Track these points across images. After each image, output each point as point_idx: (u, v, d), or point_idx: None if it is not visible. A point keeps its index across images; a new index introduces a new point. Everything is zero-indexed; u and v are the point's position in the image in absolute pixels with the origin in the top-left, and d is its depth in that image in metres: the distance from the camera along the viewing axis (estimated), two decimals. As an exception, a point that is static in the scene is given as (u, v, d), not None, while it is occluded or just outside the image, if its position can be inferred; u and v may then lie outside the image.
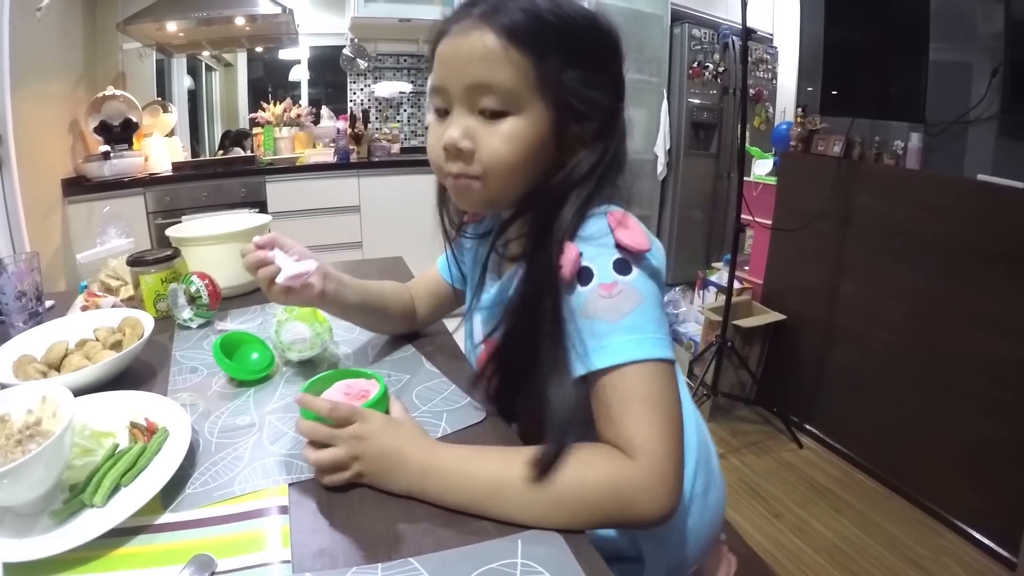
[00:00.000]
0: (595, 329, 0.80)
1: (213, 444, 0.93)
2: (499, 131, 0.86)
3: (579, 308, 0.81)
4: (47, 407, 0.85)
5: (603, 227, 0.85)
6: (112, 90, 3.84)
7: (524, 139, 0.86)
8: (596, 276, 0.81)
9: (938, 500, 2.42)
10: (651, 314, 0.81)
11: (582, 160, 0.89)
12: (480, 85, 0.85)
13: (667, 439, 0.75)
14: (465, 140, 0.87)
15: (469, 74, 0.85)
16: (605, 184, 0.89)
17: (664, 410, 0.77)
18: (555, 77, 0.85)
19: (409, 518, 0.76)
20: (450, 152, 0.89)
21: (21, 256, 1.38)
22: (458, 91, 0.87)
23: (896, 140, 2.64)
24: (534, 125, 0.86)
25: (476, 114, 0.87)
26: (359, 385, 0.92)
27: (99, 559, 0.70)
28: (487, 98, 0.85)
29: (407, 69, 4.95)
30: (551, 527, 0.73)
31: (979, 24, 2.37)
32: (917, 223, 2.45)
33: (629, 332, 0.78)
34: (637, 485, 0.73)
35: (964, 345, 2.29)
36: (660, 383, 0.78)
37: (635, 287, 0.81)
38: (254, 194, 3.97)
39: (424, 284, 1.31)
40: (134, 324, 1.23)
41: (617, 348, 0.78)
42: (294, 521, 0.75)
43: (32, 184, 3.05)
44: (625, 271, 0.81)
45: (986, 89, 2.32)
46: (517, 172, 0.89)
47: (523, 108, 0.86)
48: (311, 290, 1.05)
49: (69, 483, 0.81)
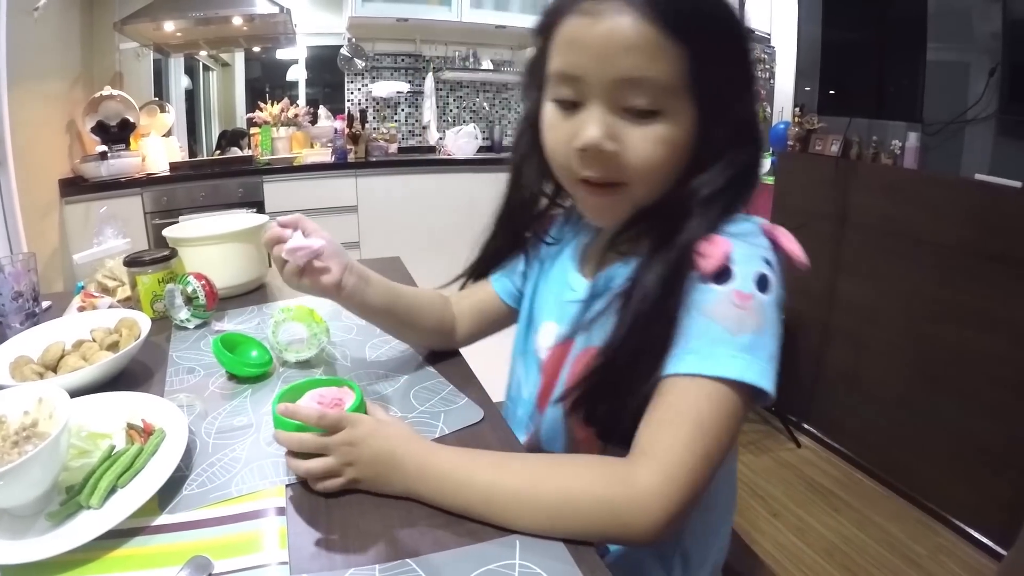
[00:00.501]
0: (711, 332, 0.74)
1: (210, 445, 0.92)
2: (650, 134, 0.78)
3: (703, 305, 0.75)
4: (44, 408, 0.85)
5: (753, 228, 0.80)
6: (109, 90, 3.84)
7: (675, 143, 0.79)
8: (735, 281, 0.75)
9: (936, 499, 2.42)
10: (769, 342, 0.75)
11: (722, 166, 0.81)
12: (630, 80, 0.75)
13: (691, 472, 0.70)
14: (609, 142, 0.78)
15: (617, 66, 0.75)
16: (744, 191, 0.83)
17: (708, 443, 0.72)
18: (707, 72, 0.76)
19: (407, 518, 0.75)
20: (588, 154, 0.79)
21: (18, 257, 1.38)
22: (601, 84, 0.77)
23: (894, 140, 2.64)
24: (683, 126, 0.78)
25: (619, 111, 0.78)
26: (331, 394, 0.90)
27: (96, 561, 0.70)
28: (637, 95, 0.76)
29: (405, 69, 4.95)
30: (543, 535, 0.72)
31: (977, 24, 2.37)
32: (915, 223, 2.45)
33: (743, 350, 0.73)
34: (636, 503, 0.70)
35: (962, 344, 2.29)
36: (726, 416, 0.73)
37: (766, 309, 0.75)
38: (251, 194, 3.97)
39: (470, 300, 1.20)
40: (131, 325, 1.22)
41: (723, 361, 0.73)
42: (291, 522, 0.75)
43: (29, 184, 3.04)
44: (764, 289, 0.75)
45: (984, 89, 2.32)
46: (666, 179, 0.81)
47: (674, 107, 0.77)
48: (327, 277, 0.98)
49: (66, 485, 0.80)
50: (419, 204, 4.24)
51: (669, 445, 0.71)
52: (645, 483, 0.70)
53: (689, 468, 0.70)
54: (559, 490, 0.72)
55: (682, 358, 0.74)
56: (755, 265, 0.76)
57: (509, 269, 1.16)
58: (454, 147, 4.60)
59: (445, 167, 4.44)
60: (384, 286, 1.08)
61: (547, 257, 1.10)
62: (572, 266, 1.01)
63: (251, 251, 1.59)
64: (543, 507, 0.72)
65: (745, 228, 0.80)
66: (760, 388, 0.73)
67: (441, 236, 4.25)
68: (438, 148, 4.82)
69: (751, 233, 0.79)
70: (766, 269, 0.77)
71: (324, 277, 0.98)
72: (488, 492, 0.74)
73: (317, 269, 0.98)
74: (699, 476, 0.71)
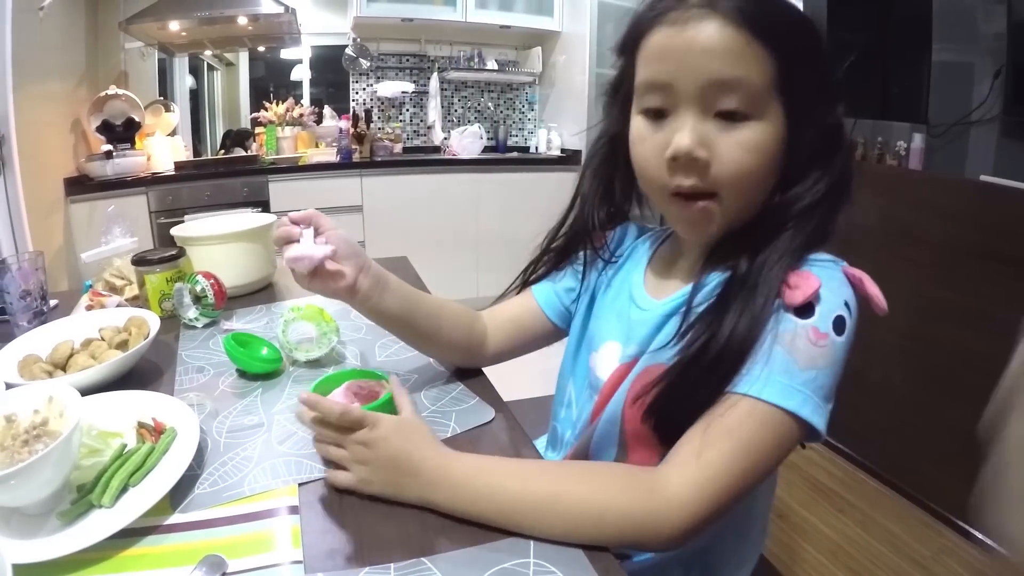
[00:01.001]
0: (781, 362, 0.74)
1: (221, 444, 0.92)
2: (741, 139, 0.77)
3: (780, 334, 0.76)
4: (54, 407, 0.85)
5: (837, 270, 0.82)
6: (114, 89, 3.83)
7: (767, 148, 0.78)
8: (816, 319, 0.76)
9: (941, 500, 2.42)
10: (830, 383, 0.76)
11: (817, 175, 0.82)
12: (721, 82, 0.75)
13: (723, 489, 0.72)
14: (701, 148, 0.77)
15: (707, 70, 0.75)
16: (840, 201, 0.84)
17: (747, 465, 0.73)
18: (794, 74, 0.77)
19: (421, 517, 0.76)
20: (680, 163, 0.78)
21: (25, 256, 1.38)
22: (691, 89, 0.77)
23: (899, 141, 2.64)
24: (775, 132, 0.78)
25: (711, 118, 0.77)
26: (368, 386, 0.92)
27: (108, 560, 0.70)
28: (728, 98, 0.76)
29: (409, 69, 4.95)
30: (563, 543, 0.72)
31: (981, 25, 2.37)
32: (919, 224, 2.45)
33: (804, 385, 0.74)
34: (660, 511, 0.71)
35: (966, 345, 2.29)
36: (773, 443, 0.74)
37: (838, 351, 0.76)
38: (256, 193, 3.97)
39: (508, 314, 1.13)
40: (140, 324, 1.23)
41: (784, 391, 0.73)
42: (305, 521, 0.75)
43: (35, 183, 3.05)
44: (840, 332, 0.76)
45: (988, 90, 2.32)
46: (757, 188, 0.81)
47: (765, 111, 0.77)
48: (340, 280, 0.93)
49: (77, 483, 0.81)
50: (424, 204, 4.23)
51: (710, 459, 0.72)
52: (675, 491, 0.71)
53: (722, 485, 0.71)
54: (582, 502, 0.72)
55: (747, 379, 0.75)
56: (837, 307, 0.77)
57: (555, 283, 1.12)
58: (459, 147, 4.60)
59: (450, 167, 4.43)
60: (404, 292, 1.02)
61: (605, 275, 1.07)
62: (639, 284, 0.99)
63: (259, 250, 1.60)
64: (564, 519, 0.72)
65: (829, 269, 0.81)
66: (812, 425, 0.74)
67: (446, 236, 4.25)
68: (443, 148, 4.81)
69: (836, 275, 0.80)
70: (845, 312, 0.77)
71: (337, 281, 0.94)
72: (506, 503, 0.74)
73: (330, 272, 0.93)
74: (730, 495, 0.72)
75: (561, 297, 1.11)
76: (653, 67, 0.80)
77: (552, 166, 4.52)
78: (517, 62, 5.10)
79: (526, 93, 5.22)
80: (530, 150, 5.06)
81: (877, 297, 0.80)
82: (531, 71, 4.97)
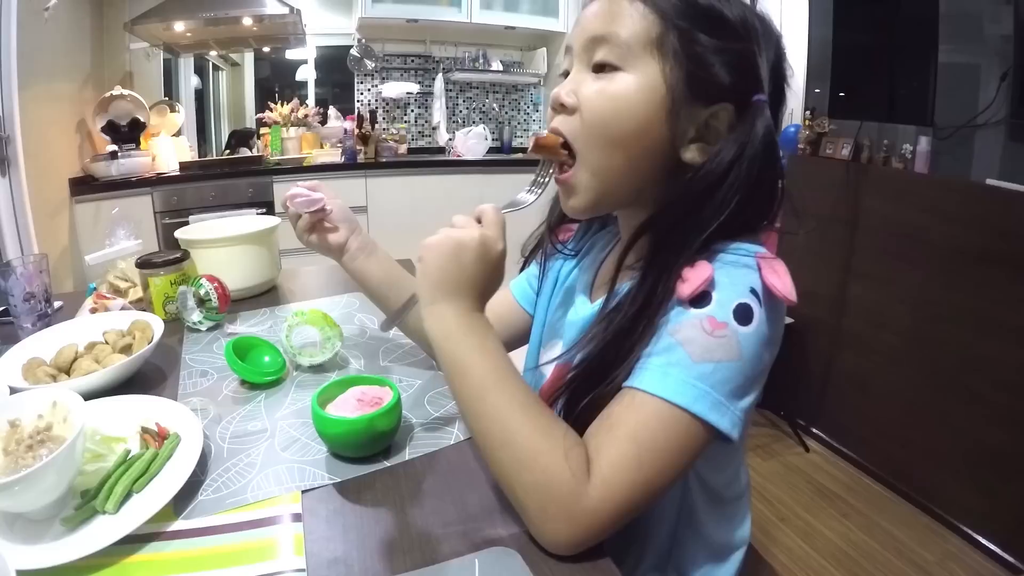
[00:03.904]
0: (672, 354, 0.71)
1: (225, 450, 0.92)
2: (602, 86, 0.79)
3: (671, 325, 0.73)
4: (58, 412, 0.85)
5: (748, 259, 0.75)
6: (119, 90, 3.85)
7: (629, 98, 0.77)
8: (712, 308, 0.71)
9: (944, 505, 2.42)
10: (734, 378, 0.70)
11: (711, 163, 0.76)
12: (596, 37, 0.79)
13: (628, 497, 0.68)
14: (569, 96, 0.81)
15: (589, 28, 0.80)
16: (745, 205, 0.77)
17: (653, 469, 0.68)
18: (681, 37, 0.76)
19: (426, 525, 0.75)
20: (555, 110, 0.83)
21: (29, 258, 1.38)
22: (577, 47, 0.82)
23: (905, 143, 2.64)
24: (643, 85, 0.77)
25: (589, 72, 0.81)
26: (373, 392, 0.92)
27: (112, 566, 0.69)
28: (601, 50, 0.79)
29: (414, 70, 4.96)
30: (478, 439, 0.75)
31: (988, 27, 2.36)
32: (925, 227, 2.45)
33: (700, 379, 0.69)
34: (567, 502, 0.67)
35: (971, 349, 2.29)
36: (676, 442, 0.69)
37: (741, 343, 0.70)
38: (261, 194, 3.98)
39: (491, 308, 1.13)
40: (144, 327, 1.23)
41: (675, 385, 0.69)
42: (308, 529, 0.75)
43: (39, 183, 3.06)
44: (744, 321, 0.71)
45: (995, 93, 2.31)
46: (620, 145, 0.79)
47: (634, 65, 0.77)
48: (334, 236, 1.12)
49: (80, 489, 0.80)
50: (428, 205, 4.23)
51: (615, 462, 0.68)
52: (588, 505, 0.67)
53: (627, 493, 0.68)
54: (524, 440, 0.70)
55: (639, 373, 0.72)
56: (737, 295, 0.72)
57: (526, 273, 1.16)
58: (464, 148, 4.60)
59: (455, 168, 4.44)
60: (388, 264, 1.16)
61: (562, 271, 1.08)
62: (581, 285, 1.00)
63: (263, 253, 1.60)
64: (500, 440, 0.72)
65: (738, 256, 0.75)
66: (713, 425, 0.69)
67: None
68: (448, 149, 4.82)
69: (744, 263, 0.75)
70: (750, 300, 0.72)
71: (331, 236, 1.12)
72: (471, 391, 0.75)
73: (326, 228, 1.12)
74: (635, 501, 0.69)
75: (532, 285, 1.15)
76: (570, 33, 0.86)
77: (557, 167, 4.48)
78: (522, 63, 5.11)
79: (531, 94, 5.23)
80: (535, 151, 5.06)
81: (777, 287, 0.72)
82: (536, 72, 4.97)
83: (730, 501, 0.94)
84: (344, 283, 1.63)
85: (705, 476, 0.89)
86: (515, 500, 0.72)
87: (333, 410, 0.88)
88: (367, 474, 0.86)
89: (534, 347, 1.10)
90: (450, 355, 0.77)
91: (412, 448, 0.91)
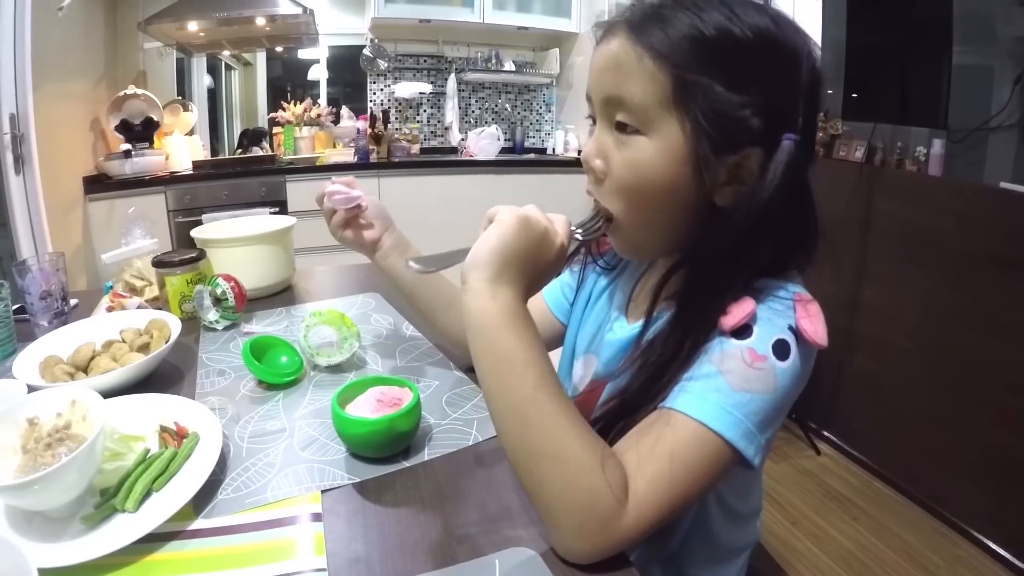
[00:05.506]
0: (712, 381, 0.71)
1: (244, 449, 0.93)
2: (626, 156, 0.77)
3: (714, 354, 0.73)
4: (76, 410, 0.86)
5: (787, 300, 0.76)
6: (133, 89, 3.87)
7: (652, 166, 0.75)
8: (752, 340, 0.72)
9: (956, 510, 2.41)
10: (766, 409, 0.71)
11: (745, 208, 0.75)
12: (612, 98, 0.77)
13: (660, 514, 0.68)
14: (597, 159, 0.80)
15: (604, 85, 0.78)
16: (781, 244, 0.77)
17: (687, 487, 0.69)
18: (697, 92, 0.72)
19: (447, 524, 0.75)
20: (586, 170, 0.83)
21: (46, 256, 1.39)
22: (597, 102, 0.80)
23: (918, 146, 2.62)
24: (665, 150, 0.75)
25: (613, 129, 0.79)
26: (392, 392, 0.92)
27: (132, 564, 0.70)
28: (620, 112, 0.76)
29: (427, 70, 4.96)
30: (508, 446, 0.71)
31: (1002, 28, 2.35)
32: (938, 230, 2.44)
33: (735, 407, 0.70)
34: (605, 521, 0.66)
35: (984, 353, 2.28)
36: (708, 464, 0.70)
37: (778, 377, 0.72)
38: (274, 193, 3.99)
39: None
40: (161, 326, 1.23)
41: (712, 410, 0.69)
42: (328, 529, 0.75)
43: (54, 182, 3.07)
44: (782, 356, 0.73)
45: (1009, 95, 2.30)
46: (650, 208, 0.79)
47: (653, 128, 0.75)
48: (368, 232, 1.13)
49: (99, 487, 0.81)
50: (441, 205, 4.23)
51: (652, 481, 0.68)
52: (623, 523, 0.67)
53: (658, 511, 0.68)
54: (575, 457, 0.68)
55: (678, 395, 0.73)
56: (778, 331, 0.74)
57: (560, 280, 1.14)
58: (476, 148, 4.60)
59: (467, 168, 4.44)
60: None
61: (598, 283, 1.07)
62: (618, 303, 0.99)
63: (279, 253, 1.60)
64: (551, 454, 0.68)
65: (777, 295, 0.77)
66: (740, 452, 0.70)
67: (463, 236, 4.24)
68: (460, 149, 4.83)
69: (779, 304, 0.76)
70: (788, 337, 0.74)
71: (366, 232, 1.14)
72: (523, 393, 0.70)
73: (361, 225, 1.13)
74: (663, 519, 0.69)
75: (566, 294, 1.14)
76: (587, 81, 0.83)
77: (569, 168, 4.51)
78: (534, 63, 5.10)
79: (543, 94, 5.23)
80: (547, 151, 5.09)
81: (807, 332, 0.74)
82: (548, 72, 4.98)
83: (745, 515, 0.96)
84: (360, 283, 1.64)
85: (723, 494, 0.90)
86: (547, 513, 0.69)
87: (353, 410, 0.88)
88: (387, 474, 0.86)
89: (567, 357, 1.09)
90: (503, 344, 0.72)
91: (431, 448, 0.92)
